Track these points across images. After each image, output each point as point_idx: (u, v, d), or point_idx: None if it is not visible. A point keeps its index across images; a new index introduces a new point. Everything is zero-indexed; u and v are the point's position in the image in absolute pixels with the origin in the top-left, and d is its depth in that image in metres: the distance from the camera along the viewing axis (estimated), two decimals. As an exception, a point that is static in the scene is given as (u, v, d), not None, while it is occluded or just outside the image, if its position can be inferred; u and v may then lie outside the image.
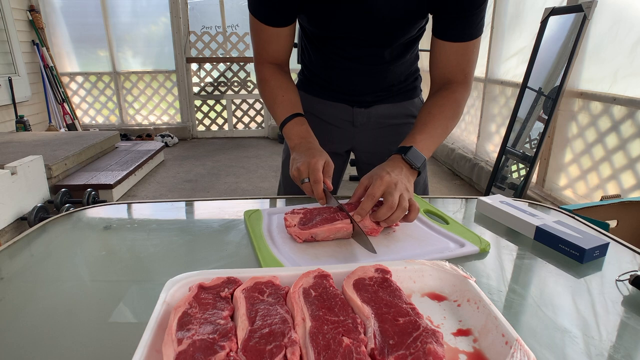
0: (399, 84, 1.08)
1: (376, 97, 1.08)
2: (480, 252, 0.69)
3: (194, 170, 4.22)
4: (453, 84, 0.93)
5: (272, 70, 0.99)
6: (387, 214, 0.71)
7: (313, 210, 0.76)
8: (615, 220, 1.63)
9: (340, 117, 1.12)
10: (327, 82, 1.09)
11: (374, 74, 1.03)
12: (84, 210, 0.91)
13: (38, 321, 0.53)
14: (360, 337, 0.43)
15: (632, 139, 2.16)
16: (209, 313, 0.46)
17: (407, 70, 1.08)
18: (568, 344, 0.49)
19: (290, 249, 0.70)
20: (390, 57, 1.00)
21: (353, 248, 0.71)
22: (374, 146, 1.14)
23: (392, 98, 1.09)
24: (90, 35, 5.27)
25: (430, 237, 0.74)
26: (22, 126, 4.46)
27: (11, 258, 0.70)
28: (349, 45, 0.97)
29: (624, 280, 0.61)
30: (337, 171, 1.18)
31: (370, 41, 0.95)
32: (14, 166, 2.58)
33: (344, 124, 1.12)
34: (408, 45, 1.01)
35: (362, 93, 1.07)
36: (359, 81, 1.05)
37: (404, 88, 1.10)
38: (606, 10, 2.34)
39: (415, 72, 1.12)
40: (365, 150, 1.16)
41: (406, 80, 1.09)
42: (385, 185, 0.73)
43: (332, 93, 1.10)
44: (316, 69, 1.09)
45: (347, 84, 1.06)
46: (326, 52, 1.02)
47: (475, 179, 3.58)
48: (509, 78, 3.31)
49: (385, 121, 1.11)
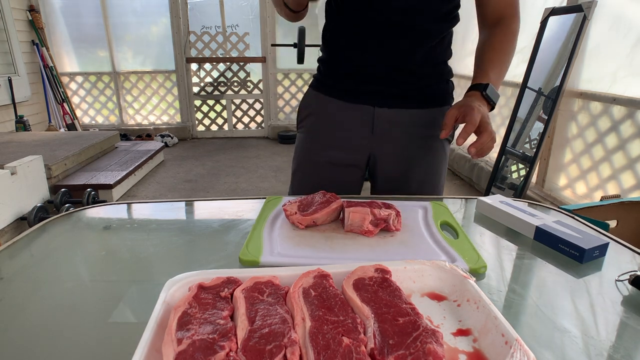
0: (430, 80, 0.99)
1: (399, 90, 0.98)
2: (470, 270, 0.63)
3: (194, 170, 4.22)
4: (506, 18, 0.94)
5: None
6: (487, 141, 0.79)
7: (307, 198, 0.81)
8: (615, 220, 1.63)
9: (358, 122, 1.01)
10: (350, 64, 0.98)
11: (403, 44, 0.93)
12: (83, 210, 0.91)
13: (38, 321, 0.53)
14: (360, 337, 0.43)
15: (631, 139, 2.16)
16: (208, 313, 0.46)
17: (438, 57, 0.99)
18: (568, 344, 0.49)
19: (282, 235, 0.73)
20: (422, 22, 0.92)
21: (341, 238, 0.71)
22: (395, 157, 1.03)
23: (420, 100, 1.00)
24: (90, 35, 5.27)
25: (424, 245, 0.71)
26: (22, 126, 4.45)
27: (11, 258, 0.70)
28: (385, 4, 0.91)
29: (623, 280, 0.61)
30: (354, 188, 1.09)
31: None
32: (14, 166, 2.58)
33: (361, 131, 1.02)
34: (442, 20, 0.95)
35: (387, 79, 0.97)
36: (388, 54, 0.94)
37: (436, 90, 1.01)
38: (606, 10, 2.34)
39: (449, 73, 1.04)
40: (384, 161, 1.05)
41: (439, 80, 1.01)
42: (481, 115, 0.79)
43: (352, 86, 0.99)
44: (338, 49, 1.00)
45: (374, 60, 0.96)
46: (356, 15, 0.94)
47: (475, 179, 3.58)
48: (509, 78, 3.31)
49: (410, 129, 1.00)
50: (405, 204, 0.89)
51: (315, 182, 1.06)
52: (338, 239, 0.73)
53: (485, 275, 0.63)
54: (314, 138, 1.08)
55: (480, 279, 0.62)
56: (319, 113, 1.06)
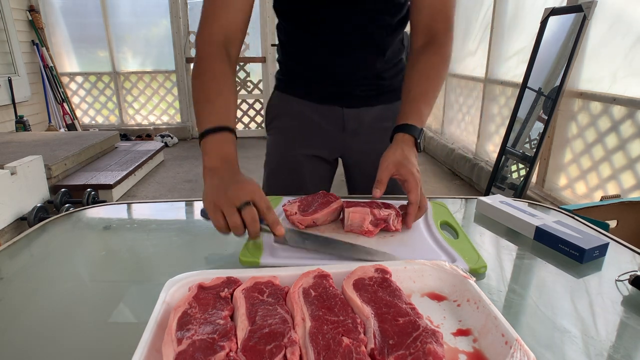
0: (390, 79, 1.03)
1: (366, 92, 1.02)
2: (470, 271, 0.62)
3: (194, 170, 4.22)
4: (438, 35, 0.90)
5: (217, 53, 0.81)
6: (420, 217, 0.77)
7: (307, 198, 0.81)
8: (615, 220, 1.63)
9: (329, 122, 1.04)
10: (312, 73, 1.00)
11: (361, 57, 0.96)
12: (83, 210, 0.91)
13: (38, 321, 0.53)
14: (360, 337, 0.43)
15: (631, 139, 2.16)
16: (208, 313, 0.46)
17: (395, 57, 1.02)
18: (567, 343, 0.49)
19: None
20: (379, 35, 0.94)
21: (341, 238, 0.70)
22: (367, 153, 1.05)
23: (383, 97, 1.04)
24: (90, 35, 5.27)
25: (424, 245, 0.71)
26: (22, 126, 4.46)
27: (11, 258, 0.70)
28: (334, 16, 0.90)
29: (623, 280, 0.61)
30: (325, 178, 1.12)
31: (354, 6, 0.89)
32: (14, 166, 2.58)
33: (333, 129, 1.04)
34: (395, 29, 0.96)
35: (350, 83, 1.00)
36: (345, 65, 0.97)
37: (394, 85, 1.04)
38: (606, 10, 2.34)
39: (404, 70, 1.06)
40: (357, 158, 1.09)
41: (396, 76, 1.04)
42: (420, 183, 0.76)
43: (318, 90, 1.02)
44: (298, 58, 1.01)
45: (333, 71, 0.98)
46: (309, 33, 0.95)
47: (475, 179, 3.58)
48: (508, 78, 3.31)
49: (378, 124, 1.04)
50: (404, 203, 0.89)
51: (291, 180, 1.07)
52: (337, 237, 0.73)
53: (485, 275, 0.63)
54: (287, 138, 1.07)
55: (480, 279, 0.62)
56: (289, 113, 1.05)
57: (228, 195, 0.64)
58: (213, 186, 0.67)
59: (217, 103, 0.77)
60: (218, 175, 0.69)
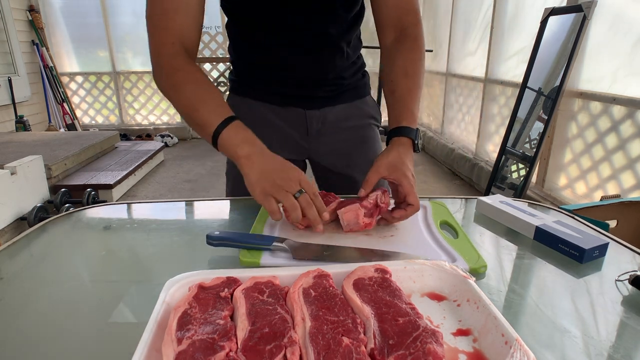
0: (349, 77, 1.01)
1: (327, 93, 0.99)
2: (470, 270, 0.62)
3: (194, 170, 4.22)
4: (408, 28, 0.88)
5: (183, 59, 0.79)
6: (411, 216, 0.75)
7: None
8: (615, 220, 1.63)
9: (292, 125, 1.00)
10: (271, 74, 0.96)
11: (321, 55, 0.93)
12: (83, 210, 0.91)
13: (38, 321, 0.53)
14: (360, 337, 0.43)
15: (631, 139, 2.16)
16: (208, 313, 0.46)
17: (354, 55, 1.00)
18: (567, 343, 0.49)
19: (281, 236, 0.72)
20: (336, 32, 0.91)
21: (341, 238, 0.70)
22: (334, 154, 1.05)
23: (344, 95, 1.01)
24: (90, 35, 5.27)
25: (424, 245, 0.71)
26: (22, 126, 4.46)
27: (11, 258, 0.70)
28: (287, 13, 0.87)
29: (623, 280, 0.61)
30: None
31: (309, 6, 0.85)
32: (14, 166, 2.58)
33: (297, 132, 1.01)
34: (351, 25, 0.94)
35: (310, 85, 0.97)
36: (305, 65, 0.93)
37: (354, 84, 1.02)
38: (606, 10, 2.34)
39: (363, 66, 1.05)
40: (324, 159, 1.06)
41: (355, 74, 1.02)
42: (414, 184, 0.75)
43: (278, 92, 0.98)
44: (254, 59, 0.96)
45: (293, 73, 0.95)
46: (263, 32, 0.90)
47: (475, 179, 3.58)
48: (508, 78, 3.31)
49: (341, 124, 1.02)
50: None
51: None
52: (338, 239, 0.73)
53: (485, 275, 0.63)
54: None
55: (480, 278, 0.62)
56: (250, 117, 0.96)
57: (278, 183, 0.69)
58: (258, 174, 0.70)
59: (212, 102, 0.77)
60: (257, 162, 0.72)
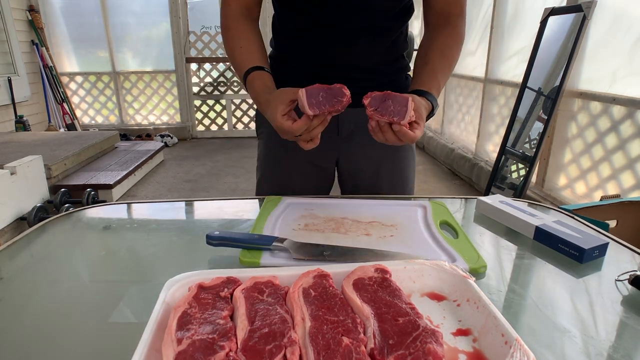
0: (389, 75, 0.99)
1: (365, 89, 0.95)
2: (470, 270, 0.62)
3: (194, 170, 4.22)
4: (452, 18, 0.92)
5: (237, 17, 0.94)
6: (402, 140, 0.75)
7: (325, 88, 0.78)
8: (614, 220, 1.63)
9: None
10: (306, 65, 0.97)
11: (362, 44, 0.93)
12: (83, 210, 0.91)
13: (38, 321, 0.53)
14: (359, 337, 0.43)
15: (631, 139, 2.16)
16: (208, 313, 0.46)
17: (397, 52, 0.98)
18: (567, 343, 0.49)
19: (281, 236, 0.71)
20: (381, 18, 0.91)
21: (341, 238, 0.70)
22: (364, 159, 1.03)
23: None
24: (89, 35, 5.27)
25: (424, 245, 0.71)
26: (22, 126, 4.46)
27: (11, 258, 0.70)
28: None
29: (623, 280, 0.61)
30: (321, 188, 1.07)
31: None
32: (14, 166, 2.58)
33: (326, 133, 0.98)
34: (397, 17, 0.93)
35: (349, 77, 0.93)
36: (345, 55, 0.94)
37: (396, 86, 0.96)
38: (605, 10, 2.34)
39: (406, 69, 1.03)
40: (353, 164, 1.04)
41: (397, 73, 1.00)
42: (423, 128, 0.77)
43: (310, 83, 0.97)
44: (291, 50, 0.98)
45: (333, 62, 0.95)
46: (309, 17, 0.92)
47: (475, 179, 3.58)
48: (508, 78, 3.31)
49: None
50: (404, 203, 0.89)
51: (285, 187, 1.02)
52: (338, 239, 0.73)
53: (485, 275, 0.63)
54: (276, 144, 1.01)
55: (480, 278, 0.62)
56: None
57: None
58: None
59: (249, 53, 0.91)
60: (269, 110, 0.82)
